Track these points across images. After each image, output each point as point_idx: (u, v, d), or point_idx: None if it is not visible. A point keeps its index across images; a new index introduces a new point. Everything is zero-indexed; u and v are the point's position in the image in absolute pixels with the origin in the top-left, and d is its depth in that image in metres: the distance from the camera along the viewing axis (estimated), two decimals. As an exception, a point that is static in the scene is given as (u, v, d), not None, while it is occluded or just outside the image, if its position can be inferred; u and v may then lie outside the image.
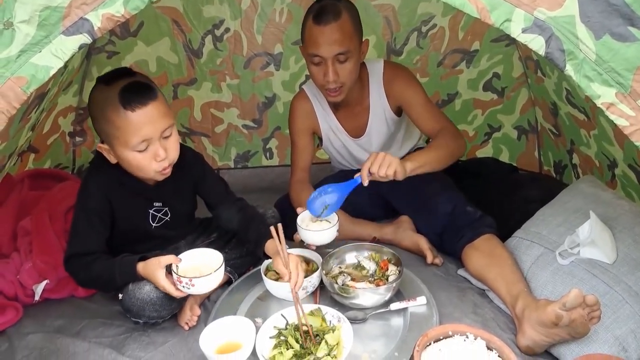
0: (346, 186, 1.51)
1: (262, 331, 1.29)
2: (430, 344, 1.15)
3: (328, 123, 1.86)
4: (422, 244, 1.68)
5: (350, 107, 1.80)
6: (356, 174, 1.49)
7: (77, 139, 2.33)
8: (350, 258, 1.59)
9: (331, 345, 1.24)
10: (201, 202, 1.64)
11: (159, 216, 1.51)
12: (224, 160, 2.52)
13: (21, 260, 1.59)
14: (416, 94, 1.74)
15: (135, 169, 1.35)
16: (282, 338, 1.28)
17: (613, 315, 1.26)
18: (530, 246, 1.50)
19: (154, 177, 1.39)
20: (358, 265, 1.56)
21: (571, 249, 1.39)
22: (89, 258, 1.38)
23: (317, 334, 1.28)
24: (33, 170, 2.00)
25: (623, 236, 1.39)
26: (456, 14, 2.19)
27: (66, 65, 1.14)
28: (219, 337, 1.29)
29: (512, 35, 0.96)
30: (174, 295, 1.33)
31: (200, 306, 1.50)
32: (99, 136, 1.39)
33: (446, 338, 1.16)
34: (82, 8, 0.95)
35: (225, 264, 1.37)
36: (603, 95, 0.94)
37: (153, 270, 1.32)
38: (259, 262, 1.59)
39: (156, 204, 1.50)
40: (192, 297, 1.46)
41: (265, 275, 1.50)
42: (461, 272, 1.61)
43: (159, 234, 1.54)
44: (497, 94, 2.36)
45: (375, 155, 1.46)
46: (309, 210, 1.53)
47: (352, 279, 1.49)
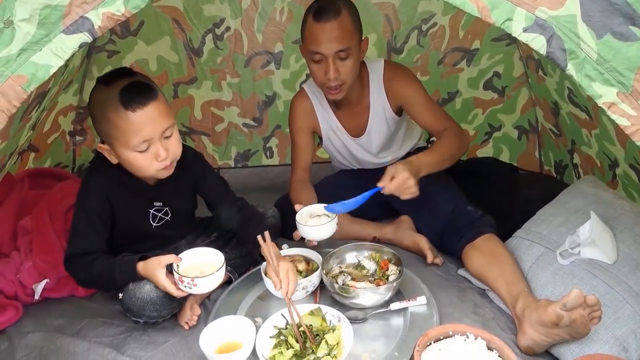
0: (365, 197, 1.48)
1: (262, 331, 1.30)
2: (430, 343, 1.15)
3: (328, 122, 1.85)
4: (422, 243, 1.68)
5: (350, 107, 1.80)
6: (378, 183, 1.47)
7: (77, 138, 2.33)
8: (351, 258, 1.59)
9: (331, 345, 1.24)
10: (201, 202, 1.64)
11: (159, 216, 1.51)
12: (224, 160, 2.52)
13: (21, 260, 1.59)
14: (417, 92, 1.74)
15: (136, 169, 1.35)
16: (282, 338, 1.28)
17: (613, 315, 1.26)
18: (530, 246, 1.49)
19: (156, 176, 1.39)
20: (358, 265, 1.56)
21: (572, 249, 1.39)
22: (89, 258, 1.38)
23: (317, 334, 1.28)
24: (33, 169, 2.00)
25: (624, 236, 1.38)
26: (457, 13, 2.19)
27: (66, 64, 1.14)
28: (219, 336, 1.29)
29: (513, 35, 0.95)
30: (174, 294, 1.32)
31: (201, 306, 1.50)
32: (99, 136, 1.38)
33: (446, 338, 1.16)
34: (83, 7, 0.95)
35: (226, 264, 1.37)
36: (604, 94, 0.93)
37: (153, 269, 1.32)
38: (259, 261, 1.58)
39: (156, 203, 1.50)
40: (193, 296, 1.46)
41: (265, 274, 1.50)
42: (461, 272, 1.60)
43: (159, 234, 1.54)
44: (498, 93, 2.35)
45: (393, 175, 1.45)
46: (325, 208, 1.52)
47: (353, 279, 1.49)
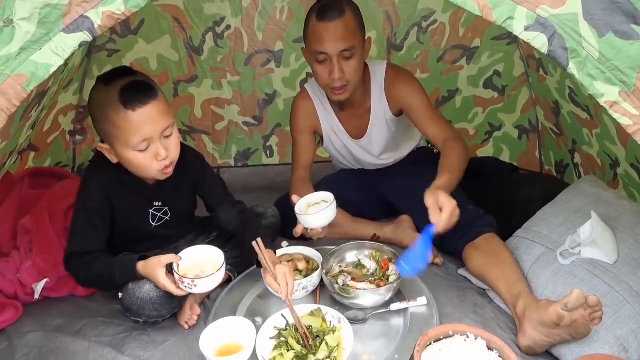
0: (426, 242, 1.36)
1: (262, 332, 1.29)
2: (430, 343, 1.14)
3: (329, 123, 1.85)
4: (423, 243, 1.68)
5: (352, 109, 1.79)
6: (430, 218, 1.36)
7: (78, 137, 2.33)
8: (351, 257, 1.58)
9: (332, 347, 1.24)
10: (201, 202, 1.63)
11: (159, 215, 1.51)
12: (224, 159, 2.51)
13: (21, 259, 1.59)
14: (417, 98, 1.70)
15: (137, 168, 1.35)
16: (283, 339, 1.28)
17: (614, 315, 1.25)
18: (531, 246, 1.49)
19: (155, 177, 1.38)
20: (358, 264, 1.55)
21: (572, 249, 1.39)
22: (89, 257, 1.38)
23: (317, 335, 1.28)
24: (33, 168, 2.00)
25: (624, 236, 1.38)
26: (457, 11, 2.18)
27: (66, 63, 1.14)
28: (218, 338, 1.29)
29: (514, 33, 0.95)
30: (175, 294, 1.32)
31: (200, 305, 1.49)
32: (99, 136, 1.38)
33: (446, 338, 1.16)
34: (83, 6, 0.95)
35: (225, 263, 1.37)
36: (606, 93, 0.93)
37: (153, 269, 1.32)
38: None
39: (156, 203, 1.49)
40: (192, 296, 1.45)
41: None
42: (462, 271, 1.60)
43: (159, 234, 1.53)
44: (498, 92, 2.35)
45: (440, 207, 1.36)
46: (399, 270, 1.41)
47: (353, 278, 1.48)
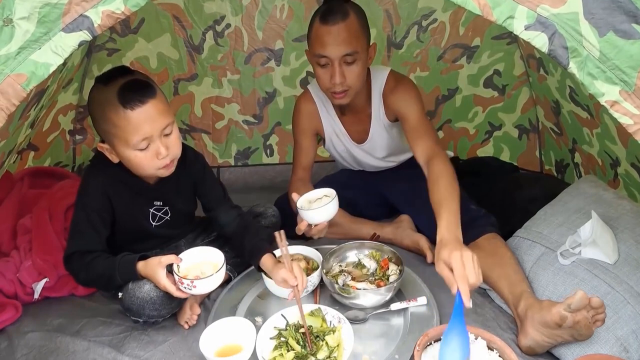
0: (459, 316, 1.13)
1: (262, 332, 1.29)
2: (430, 343, 1.14)
3: (332, 126, 1.83)
4: (422, 243, 1.67)
5: (354, 113, 1.77)
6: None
7: (77, 137, 2.33)
8: (351, 256, 1.58)
9: (332, 347, 1.24)
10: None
11: (159, 215, 1.51)
12: (224, 158, 2.51)
13: (21, 259, 1.58)
14: (412, 110, 1.65)
15: (137, 167, 1.35)
16: (283, 339, 1.28)
17: (614, 315, 1.25)
18: (531, 246, 1.49)
19: (157, 174, 1.38)
20: (358, 264, 1.55)
21: (572, 249, 1.39)
22: (89, 257, 1.38)
23: (317, 335, 1.28)
24: (33, 168, 1.99)
25: (624, 236, 1.38)
26: (457, 10, 2.17)
27: (65, 62, 1.13)
28: (218, 339, 1.28)
29: (515, 33, 0.94)
30: (175, 295, 1.32)
31: (200, 305, 1.49)
32: (99, 136, 1.38)
33: (447, 338, 1.16)
34: (82, 5, 0.94)
35: (225, 263, 1.36)
36: (607, 93, 0.93)
37: (154, 270, 1.32)
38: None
39: (156, 203, 1.49)
40: (192, 296, 1.45)
41: (265, 274, 1.49)
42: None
43: (159, 233, 1.53)
44: (498, 91, 2.34)
45: (460, 263, 1.16)
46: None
47: (353, 278, 1.48)
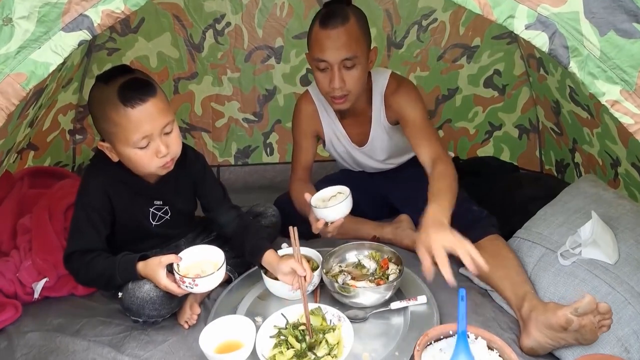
0: (463, 344, 1.11)
1: (262, 330, 1.29)
2: (430, 343, 1.14)
3: (332, 129, 1.82)
4: (422, 242, 1.67)
5: (354, 116, 1.75)
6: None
7: (77, 136, 2.32)
8: (351, 257, 1.58)
9: (332, 344, 1.24)
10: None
11: (159, 215, 1.50)
12: (224, 156, 2.51)
13: (21, 258, 1.58)
14: (414, 112, 1.64)
15: (137, 166, 1.35)
16: (282, 337, 1.28)
17: (615, 316, 1.24)
18: (532, 247, 1.49)
19: (156, 172, 1.38)
20: (358, 264, 1.55)
21: (573, 249, 1.38)
22: (89, 256, 1.38)
23: (318, 333, 1.28)
24: (33, 168, 1.99)
25: (625, 236, 1.38)
26: (457, 9, 2.17)
27: (64, 62, 1.13)
28: (218, 336, 1.29)
29: (515, 32, 0.94)
30: (176, 293, 1.32)
31: (200, 305, 1.49)
32: (99, 134, 1.38)
33: (447, 337, 1.16)
34: (82, 4, 0.94)
35: (225, 263, 1.36)
36: (607, 92, 0.93)
37: (154, 270, 1.32)
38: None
39: (156, 202, 1.49)
40: (192, 295, 1.45)
41: (265, 274, 1.50)
42: (463, 271, 1.60)
43: (159, 233, 1.53)
44: (498, 91, 2.34)
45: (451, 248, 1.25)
46: None
47: (353, 278, 1.48)
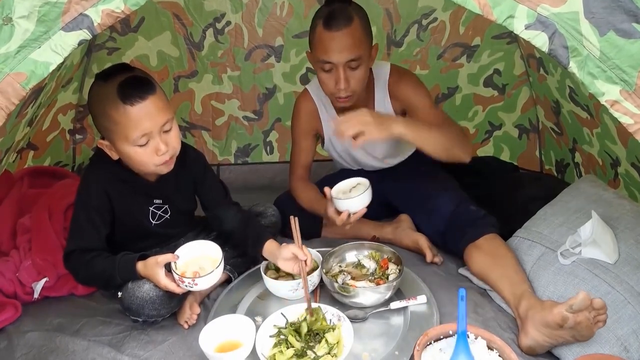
0: (462, 344, 1.11)
1: (262, 330, 1.29)
2: (430, 343, 1.14)
3: (331, 126, 1.83)
4: (422, 242, 1.67)
5: (353, 109, 1.77)
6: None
7: (77, 136, 2.32)
8: (350, 257, 1.58)
9: (331, 344, 1.24)
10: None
11: (159, 214, 1.51)
12: (224, 155, 2.51)
13: (20, 258, 1.58)
14: (422, 98, 1.69)
15: (137, 163, 1.35)
16: (282, 337, 1.28)
17: (615, 315, 1.25)
18: (531, 246, 1.49)
19: (156, 171, 1.38)
20: (358, 264, 1.55)
21: (573, 248, 1.38)
22: (89, 255, 1.38)
23: (317, 333, 1.28)
24: (33, 167, 1.99)
25: (625, 236, 1.38)
26: (457, 9, 2.17)
27: (64, 61, 1.14)
28: (218, 335, 1.29)
29: (515, 32, 0.94)
30: (176, 292, 1.33)
31: (200, 305, 1.49)
32: (99, 133, 1.38)
33: (447, 337, 1.16)
34: (82, 4, 0.95)
35: (225, 263, 1.37)
36: (607, 92, 0.93)
37: (152, 270, 1.32)
38: (258, 260, 1.58)
39: (156, 201, 1.49)
40: (192, 295, 1.46)
41: (265, 273, 1.50)
42: (462, 271, 1.60)
43: (159, 232, 1.53)
44: (498, 90, 2.34)
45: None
46: None
47: (352, 278, 1.48)
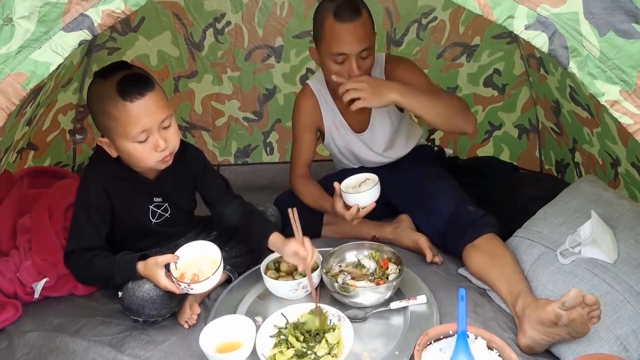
0: (462, 344, 1.11)
1: (262, 330, 1.29)
2: (430, 343, 1.14)
3: (332, 119, 1.84)
4: (422, 242, 1.67)
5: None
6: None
7: (78, 136, 2.32)
8: (351, 257, 1.58)
9: (331, 344, 1.24)
10: (201, 201, 1.63)
11: (158, 212, 1.51)
12: (224, 156, 2.51)
13: (20, 258, 1.58)
14: (419, 78, 1.71)
15: (137, 160, 1.35)
16: (282, 337, 1.28)
17: (614, 314, 1.25)
18: (531, 245, 1.49)
19: (155, 167, 1.39)
20: (358, 264, 1.55)
21: (572, 248, 1.39)
22: (89, 254, 1.38)
23: (317, 333, 1.28)
24: (33, 167, 1.99)
25: (625, 236, 1.38)
26: (457, 9, 2.17)
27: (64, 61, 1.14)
28: (218, 335, 1.29)
29: (515, 32, 0.95)
30: (176, 292, 1.33)
31: (200, 305, 1.49)
32: (99, 130, 1.38)
33: (446, 337, 1.16)
34: (82, 4, 0.95)
35: (225, 263, 1.37)
36: (607, 92, 0.93)
37: (152, 270, 1.32)
38: (258, 260, 1.58)
39: (156, 199, 1.49)
40: (192, 295, 1.45)
41: (265, 274, 1.50)
42: (462, 271, 1.60)
43: (159, 231, 1.53)
44: (498, 90, 2.34)
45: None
46: None
47: (352, 278, 1.48)
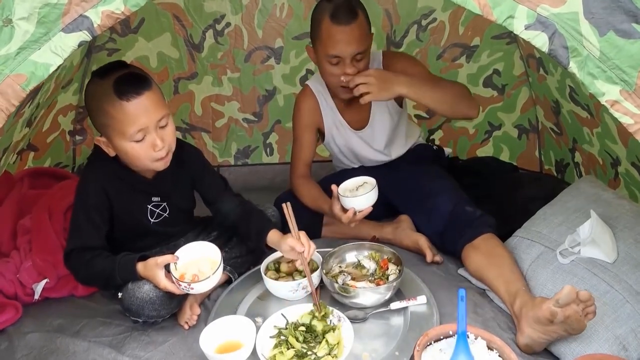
0: (462, 344, 1.11)
1: (262, 331, 1.30)
2: (430, 343, 1.14)
3: (332, 118, 1.84)
4: (422, 242, 1.67)
5: (354, 100, 1.75)
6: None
7: (77, 137, 2.32)
8: (350, 257, 1.58)
9: (332, 344, 1.24)
10: (200, 202, 1.63)
11: (157, 212, 1.50)
12: (224, 157, 2.51)
13: (21, 259, 1.58)
14: (418, 69, 1.72)
15: (134, 159, 1.35)
16: (283, 338, 1.28)
17: (614, 314, 1.25)
18: (530, 245, 1.49)
19: (153, 167, 1.39)
20: (358, 265, 1.55)
21: (572, 248, 1.39)
22: (89, 255, 1.38)
23: (317, 334, 1.28)
24: (33, 168, 1.99)
25: (624, 235, 1.38)
26: (457, 9, 2.17)
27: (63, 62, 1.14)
28: (219, 336, 1.29)
29: (515, 32, 0.95)
30: (177, 293, 1.33)
31: (200, 305, 1.49)
32: (96, 130, 1.39)
33: (446, 338, 1.16)
34: (82, 5, 0.95)
35: (225, 263, 1.37)
36: (607, 92, 0.93)
37: (152, 271, 1.32)
38: (259, 261, 1.58)
39: (154, 198, 1.49)
40: (192, 296, 1.46)
41: (265, 274, 1.50)
42: (461, 271, 1.60)
43: (158, 231, 1.53)
44: (498, 90, 2.34)
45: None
46: None
47: (352, 278, 1.48)
